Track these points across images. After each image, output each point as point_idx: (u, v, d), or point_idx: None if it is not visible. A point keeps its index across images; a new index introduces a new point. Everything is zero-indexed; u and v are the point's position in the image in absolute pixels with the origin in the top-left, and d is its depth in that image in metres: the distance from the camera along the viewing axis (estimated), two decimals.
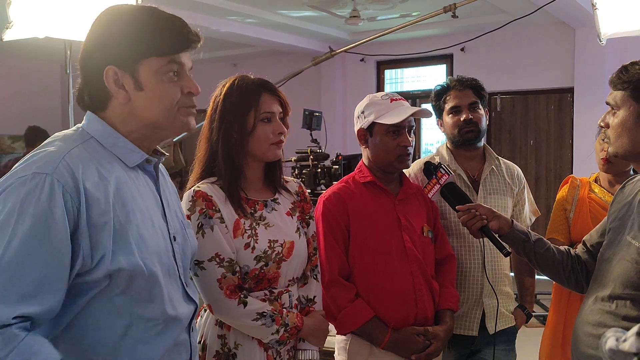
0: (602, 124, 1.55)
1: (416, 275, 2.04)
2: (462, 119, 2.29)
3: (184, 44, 1.25)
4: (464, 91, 2.32)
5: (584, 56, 6.28)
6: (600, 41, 3.12)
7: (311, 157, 3.99)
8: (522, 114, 6.80)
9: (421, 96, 7.39)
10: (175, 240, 1.31)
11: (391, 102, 2.07)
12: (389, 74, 7.90)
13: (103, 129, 1.24)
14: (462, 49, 6.80)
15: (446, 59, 7.29)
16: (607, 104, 1.53)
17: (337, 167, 3.86)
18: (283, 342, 1.69)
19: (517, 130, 6.78)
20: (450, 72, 7.31)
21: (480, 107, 2.34)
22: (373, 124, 2.06)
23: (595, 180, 2.40)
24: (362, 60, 7.65)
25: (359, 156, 4.43)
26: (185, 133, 1.37)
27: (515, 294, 2.41)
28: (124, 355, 1.18)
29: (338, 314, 1.98)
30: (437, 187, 1.94)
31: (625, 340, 0.84)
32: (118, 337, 1.18)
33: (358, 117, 2.13)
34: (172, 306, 1.25)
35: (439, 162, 2.01)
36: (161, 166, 1.40)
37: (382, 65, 7.83)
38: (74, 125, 1.29)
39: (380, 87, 7.90)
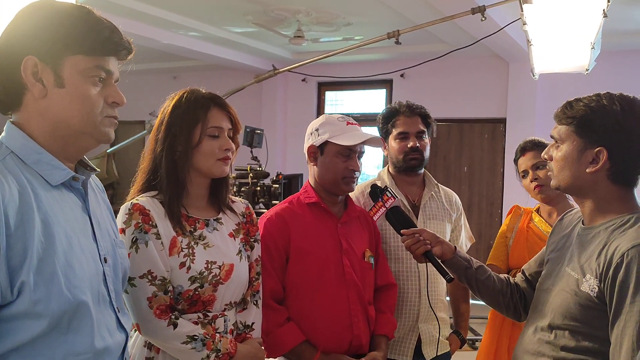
0: (545, 156, 1.58)
1: (353, 300, 2.01)
2: (409, 145, 2.31)
3: (114, 47, 1.18)
4: (412, 118, 2.35)
5: (517, 89, 6.54)
6: (534, 76, 3.24)
7: (251, 174, 3.93)
8: (457, 141, 6.98)
9: (360, 119, 7.44)
10: (106, 262, 1.21)
11: (347, 125, 2.06)
12: (329, 95, 7.95)
13: (25, 143, 1.12)
14: (401, 75, 6.94)
15: (386, 83, 7.42)
16: (552, 137, 1.56)
17: (277, 186, 3.83)
18: None
19: (451, 156, 6.95)
20: (389, 97, 7.44)
21: (426, 135, 2.37)
22: (325, 143, 2.04)
23: (537, 211, 2.47)
24: (303, 80, 7.67)
25: (299, 176, 4.43)
26: (108, 145, 1.28)
27: (450, 317, 2.44)
28: None
29: (266, 337, 1.94)
30: (383, 210, 1.94)
31: None
32: None
33: (311, 134, 2.11)
34: (102, 337, 1.15)
35: (386, 186, 2.01)
36: (94, 181, 1.30)
37: (323, 87, 7.88)
38: None
39: (320, 108, 7.93)
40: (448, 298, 2.48)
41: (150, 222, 1.59)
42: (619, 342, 1.33)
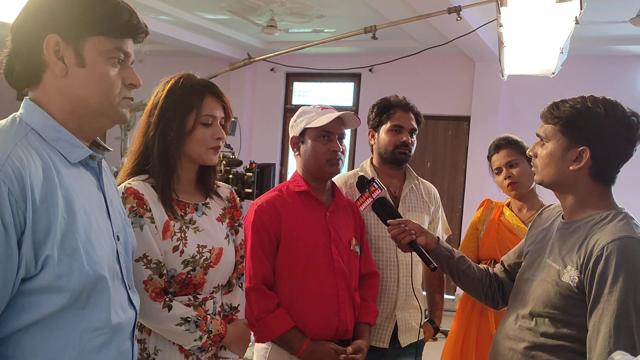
0: (530, 153, 1.67)
1: (340, 287, 2.08)
2: (402, 140, 2.37)
3: (133, 30, 1.20)
4: (408, 114, 2.41)
5: (482, 88, 6.71)
6: (503, 76, 3.35)
7: (223, 162, 3.94)
8: (421, 137, 7.08)
9: None
10: (118, 240, 1.24)
11: (322, 109, 2.12)
12: (298, 86, 7.98)
13: (45, 121, 1.13)
14: (370, 70, 7.02)
15: (354, 77, 7.49)
16: (537, 135, 1.65)
17: (251, 174, 3.84)
18: (205, 349, 1.64)
19: (415, 152, 7.01)
20: (357, 90, 7.52)
21: (415, 134, 2.44)
22: (305, 131, 2.09)
23: (508, 205, 2.57)
24: (272, 70, 7.67)
25: (272, 166, 4.45)
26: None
27: (425, 309, 2.52)
28: None
29: (256, 322, 1.98)
30: (370, 200, 1.99)
31: None
32: (60, 349, 1.08)
33: (292, 127, 2.16)
34: (117, 313, 1.17)
35: (373, 177, 2.07)
36: (104, 161, 1.33)
37: (292, 77, 7.89)
38: None
39: (288, 98, 7.95)
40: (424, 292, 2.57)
41: (145, 206, 1.61)
42: (597, 329, 1.43)
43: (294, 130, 2.14)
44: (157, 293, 1.59)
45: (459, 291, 6.46)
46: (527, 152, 1.72)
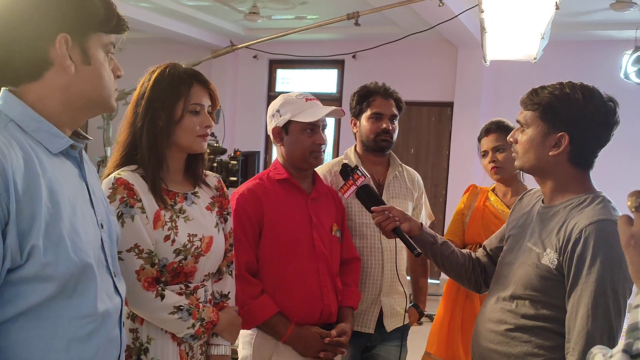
0: (511, 139, 1.70)
1: (322, 272, 2.10)
2: (382, 127, 2.39)
3: (124, 25, 1.24)
4: (388, 100, 2.42)
5: (464, 74, 6.75)
6: (485, 62, 3.38)
7: (208, 150, 3.93)
8: (404, 124, 7.14)
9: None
10: (102, 228, 1.25)
11: (306, 101, 2.12)
12: (281, 73, 7.95)
13: (23, 111, 1.13)
14: (353, 56, 7.02)
15: (338, 64, 7.48)
16: (518, 122, 1.68)
17: (235, 162, 3.84)
18: (198, 336, 1.67)
19: (399, 138, 7.02)
20: (341, 77, 7.52)
21: (397, 120, 2.45)
22: (289, 122, 2.10)
23: (493, 190, 2.60)
24: (255, 57, 7.64)
25: (256, 153, 4.44)
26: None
27: (409, 294, 2.56)
28: (55, 357, 1.10)
29: (241, 309, 2.00)
30: (354, 188, 2.01)
31: (611, 357, 0.89)
32: (49, 337, 1.09)
33: (273, 116, 2.16)
34: (103, 300, 1.19)
35: (356, 165, 2.08)
36: (83, 151, 1.33)
37: (275, 64, 7.87)
38: None
39: (271, 85, 7.93)
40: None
41: (135, 197, 1.61)
42: (575, 309, 1.47)
43: (276, 120, 2.14)
44: (149, 282, 1.60)
45: (444, 276, 6.53)
46: (507, 138, 1.75)
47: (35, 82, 1.15)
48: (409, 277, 2.65)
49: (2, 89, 1.16)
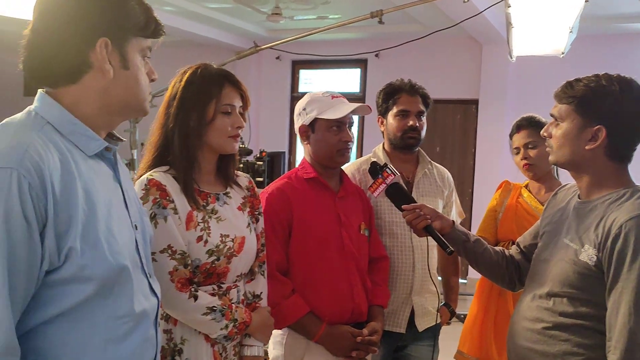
0: (545, 134, 1.66)
1: (352, 271, 2.09)
2: (409, 124, 2.36)
3: (160, 29, 1.24)
4: (414, 97, 2.40)
5: (489, 71, 6.67)
6: (511, 58, 3.33)
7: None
8: (430, 122, 7.03)
9: None
10: (136, 229, 1.26)
11: (332, 98, 2.11)
12: (304, 74, 7.96)
13: (60, 114, 1.14)
14: (376, 55, 6.98)
15: (361, 63, 7.46)
16: (552, 115, 1.64)
17: (261, 163, 3.85)
18: (231, 337, 1.67)
19: (425, 136, 7.05)
20: (364, 76, 7.49)
21: (424, 116, 2.43)
22: (315, 120, 2.09)
23: (527, 187, 2.56)
24: (277, 58, 7.65)
25: (282, 154, 4.46)
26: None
27: (440, 292, 2.53)
28: (92, 357, 1.11)
29: (272, 309, 1.99)
30: (383, 186, 1.99)
31: None
32: (86, 338, 1.10)
33: (299, 114, 2.15)
34: (139, 301, 1.19)
35: (385, 163, 2.06)
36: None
37: (298, 65, 7.87)
38: None
39: (294, 86, 7.93)
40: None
41: (168, 197, 1.62)
42: (616, 306, 1.43)
43: (302, 119, 2.13)
44: (182, 283, 1.60)
45: (471, 274, 6.47)
46: (541, 132, 1.72)
47: (73, 85, 1.15)
48: (439, 277, 2.62)
49: (39, 91, 1.17)
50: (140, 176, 1.66)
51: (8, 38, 5.75)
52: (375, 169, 2.04)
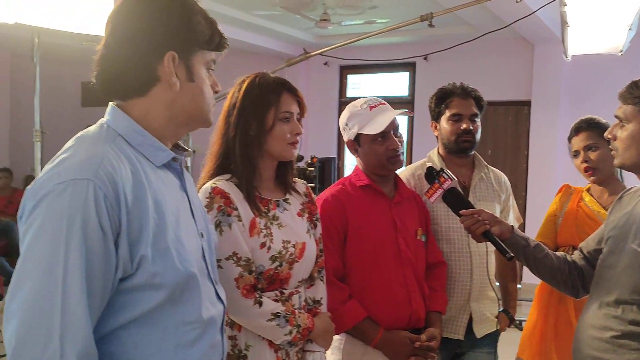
0: (609, 136, 1.62)
1: (409, 277, 2.08)
2: (462, 127, 2.34)
3: (224, 44, 1.27)
4: (467, 100, 2.38)
5: (542, 71, 6.53)
6: (567, 57, 3.25)
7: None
8: (481, 124, 6.98)
9: None
10: (202, 237, 1.29)
11: (370, 110, 2.08)
12: (351, 79, 7.97)
13: (130, 126, 1.18)
14: (425, 58, 6.93)
15: (409, 67, 7.42)
16: (616, 117, 1.60)
17: (313, 169, 3.87)
18: (294, 343, 1.69)
19: None
20: (412, 79, 7.44)
21: (478, 119, 2.39)
22: (359, 135, 2.09)
23: (588, 190, 2.49)
24: (325, 64, 7.69)
25: (332, 160, 4.48)
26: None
27: (499, 299, 2.49)
28: None
29: (331, 314, 2.00)
30: (440, 191, 1.98)
31: None
32: (157, 343, 1.14)
33: (344, 129, 2.17)
34: (207, 308, 1.23)
35: (441, 168, 2.05)
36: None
37: (345, 70, 7.89)
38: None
39: (342, 91, 7.95)
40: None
41: (232, 205, 1.65)
42: None
43: (347, 134, 2.14)
44: (248, 290, 1.63)
45: (526, 279, 6.32)
46: (604, 134, 1.67)
47: (142, 98, 1.19)
48: (497, 282, 2.57)
49: (110, 104, 1.22)
50: (202, 185, 1.70)
51: (67, 52, 5.97)
52: (432, 174, 2.02)
